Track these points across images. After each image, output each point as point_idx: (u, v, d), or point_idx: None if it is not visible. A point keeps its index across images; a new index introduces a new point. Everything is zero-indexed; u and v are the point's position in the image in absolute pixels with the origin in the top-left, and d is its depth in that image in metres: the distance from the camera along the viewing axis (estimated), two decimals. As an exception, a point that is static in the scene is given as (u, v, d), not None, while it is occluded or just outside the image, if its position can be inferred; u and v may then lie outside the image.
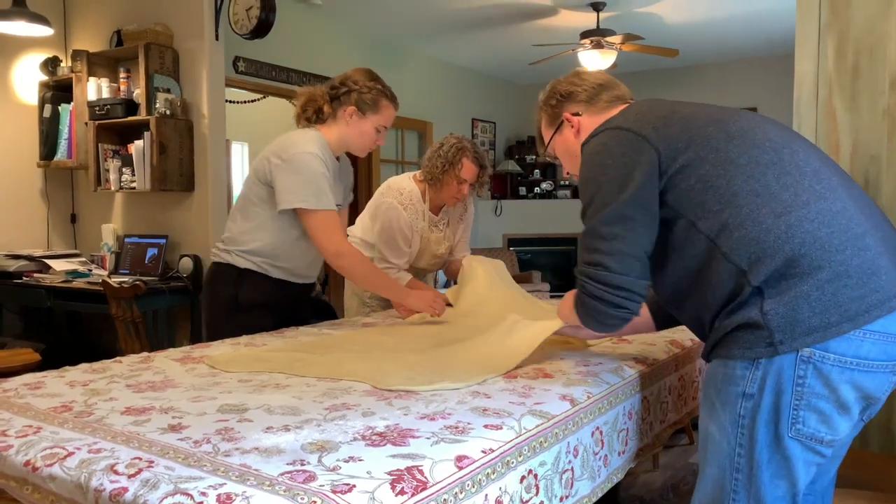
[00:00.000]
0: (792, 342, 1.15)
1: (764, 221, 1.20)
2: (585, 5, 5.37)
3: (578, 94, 1.56)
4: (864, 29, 1.76)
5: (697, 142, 1.28)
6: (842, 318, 1.14)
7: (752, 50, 6.77)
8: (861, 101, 1.78)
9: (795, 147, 1.29)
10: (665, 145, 1.29)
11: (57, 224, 4.50)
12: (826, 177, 1.26)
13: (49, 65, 4.30)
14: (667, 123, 1.32)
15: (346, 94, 2.17)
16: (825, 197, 1.22)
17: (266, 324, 2.16)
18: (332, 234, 2.10)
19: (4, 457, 1.07)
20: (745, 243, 1.20)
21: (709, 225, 1.24)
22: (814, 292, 1.15)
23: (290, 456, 1.00)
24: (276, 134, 2.28)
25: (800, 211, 1.19)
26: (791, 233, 1.18)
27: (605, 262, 1.28)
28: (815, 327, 1.14)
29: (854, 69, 1.78)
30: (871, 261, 1.17)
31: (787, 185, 1.23)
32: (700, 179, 1.25)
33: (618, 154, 1.31)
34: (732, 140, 1.28)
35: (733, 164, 1.25)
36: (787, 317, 1.16)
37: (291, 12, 5.26)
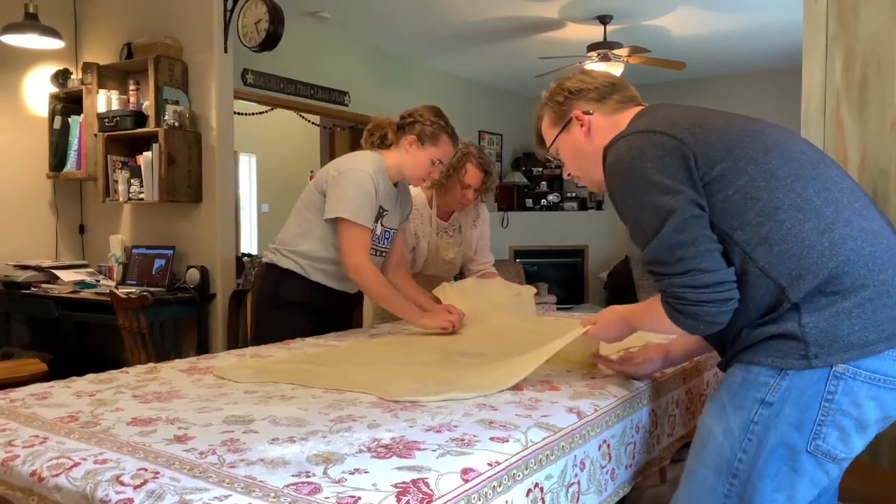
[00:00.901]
0: (827, 357, 1.15)
1: (807, 238, 1.18)
2: (592, 18, 5.40)
3: (588, 92, 1.48)
4: (871, 42, 1.76)
5: (736, 151, 1.24)
6: (879, 338, 1.14)
7: (758, 62, 6.78)
8: (869, 113, 1.77)
9: (828, 162, 1.28)
10: (702, 152, 1.24)
11: (65, 235, 4.53)
12: (860, 195, 1.26)
13: (60, 77, 4.34)
14: (703, 130, 1.28)
15: (411, 125, 2.31)
16: (864, 215, 1.21)
17: (303, 324, 2.28)
18: (356, 248, 2.21)
19: (11, 467, 1.07)
20: (785, 259, 1.18)
21: (746, 237, 1.21)
22: (855, 310, 1.15)
23: (296, 468, 0.99)
24: (284, 146, 2.34)
25: (843, 229, 1.18)
26: (835, 250, 1.17)
27: (697, 265, 1.21)
28: (853, 345, 1.14)
29: (862, 82, 1.78)
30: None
31: (829, 201, 1.21)
32: (739, 190, 1.22)
33: (656, 157, 1.26)
34: (771, 152, 1.25)
35: (773, 176, 1.22)
36: (827, 332, 1.15)
37: (300, 25, 5.30)
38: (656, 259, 1.25)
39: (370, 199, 2.22)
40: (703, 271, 1.21)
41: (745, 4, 5.11)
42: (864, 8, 1.77)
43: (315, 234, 2.29)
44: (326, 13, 5.30)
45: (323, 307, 2.36)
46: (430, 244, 2.70)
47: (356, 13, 5.30)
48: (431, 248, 2.70)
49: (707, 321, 1.24)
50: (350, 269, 2.22)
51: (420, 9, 5.21)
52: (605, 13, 5.30)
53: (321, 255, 2.29)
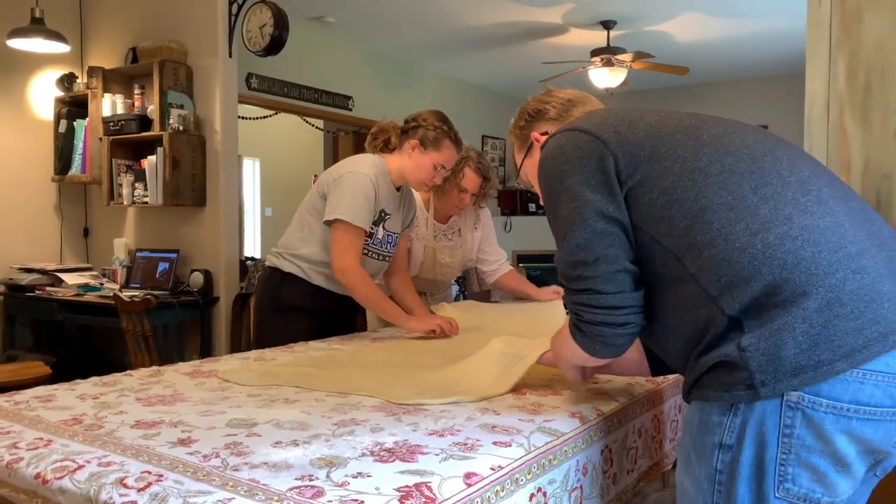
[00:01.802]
0: (775, 384, 0.97)
1: (738, 239, 1.02)
2: (596, 23, 5.41)
3: (547, 112, 1.44)
4: (875, 48, 1.76)
5: (661, 150, 1.12)
6: (835, 356, 0.95)
7: (762, 68, 6.78)
8: (873, 119, 1.77)
9: (779, 154, 1.13)
10: (624, 152, 1.13)
11: (70, 238, 4.54)
12: (815, 188, 1.08)
13: (65, 81, 4.36)
14: (630, 128, 1.17)
15: (414, 129, 2.32)
16: (811, 211, 1.04)
17: (305, 327, 2.28)
18: (346, 250, 2.21)
19: (15, 469, 1.07)
20: (715, 265, 1.03)
21: (675, 243, 1.08)
22: (799, 324, 0.96)
23: (299, 471, 0.99)
24: (288, 150, 2.36)
25: (780, 227, 1.02)
26: (769, 253, 1.00)
27: (595, 286, 1.12)
28: (802, 367, 0.95)
29: (866, 88, 1.78)
30: (869, 285, 0.98)
31: (767, 196, 1.05)
32: (664, 193, 1.09)
33: (574, 159, 1.16)
34: (703, 148, 1.12)
35: (702, 173, 1.08)
36: (769, 354, 0.97)
37: (304, 30, 5.31)
38: (560, 271, 1.18)
39: (368, 201, 2.22)
40: (601, 293, 1.11)
41: (748, 10, 5.12)
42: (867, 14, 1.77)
43: (316, 237, 2.30)
44: (331, 18, 5.32)
45: (325, 311, 2.37)
46: (427, 248, 2.70)
47: (360, 18, 5.32)
48: (428, 252, 2.70)
49: (601, 342, 1.16)
50: (336, 271, 2.22)
51: (424, 14, 5.22)
52: (609, 18, 5.31)
53: (323, 258, 2.29)
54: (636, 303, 1.13)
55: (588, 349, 1.20)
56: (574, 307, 1.17)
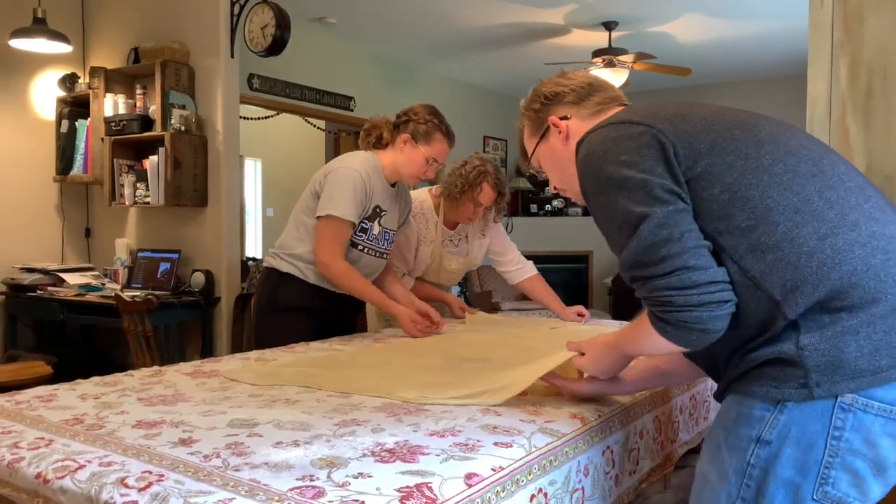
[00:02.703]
0: (832, 386, 0.97)
1: (806, 243, 1.00)
2: (598, 24, 5.41)
3: (566, 95, 1.35)
4: (877, 49, 1.76)
5: (722, 145, 1.08)
6: (894, 363, 0.96)
7: (764, 69, 6.78)
8: (875, 121, 1.77)
9: (834, 158, 1.11)
10: (684, 144, 1.08)
11: (71, 238, 4.55)
12: (873, 194, 1.07)
13: (67, 81, 4.37)
14: (686, 120, 1.11)
15: (405, 124, 2.33)
16: (876, 218, 1.03)
17: (304, 327, 2.29)
18: (329, 243, 2.24)
19: (16, 469, 1.07)
20: (780, 268, 1.01)
21: (734, 243, 1.04)
22: (864, 329, 0.97)
23: (300, 471, 0.99)
24: (289, 150, 2.37)
25: (849, 233, 1.01)
26: (839, 258, 0.99)
27: (684, 263, 1.03)
28: (862, 370, 0.96)
29: (867, 89, 1.78)
30: None
31: (832, 201, 1.03)
32: (727, 188, 1.05)
33: (632, 149, 1.09)
34: (764, 146, 1.08)
35: (767, 172, 1.05)
36: (830, 355, 0.97)
37: (306, 31, 5.32)
38: (636, 261, 1.08)
39: (356, 194, 2.23)
40: (692, 269, 1.03)
41: (750, 11, 5.12)
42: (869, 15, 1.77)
43: (312, 236, 2.31)
44: (333, 19, 5.32)
45: (323, 310, 2.37)
46: (434, 252, 2.69)
47: (362, 19, 5.32)
48: (435, 257, 2.70)
49: (699, 329, 1.05)
50: (318, 264, 2.25)
51: (426, 15, 5.22)
52: (611, 19, 5.31)
53: None
54: (727, 278, 1.05)
55: (684, 340, 1.08)
56: (662, 296, 1.05)
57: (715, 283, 1.04)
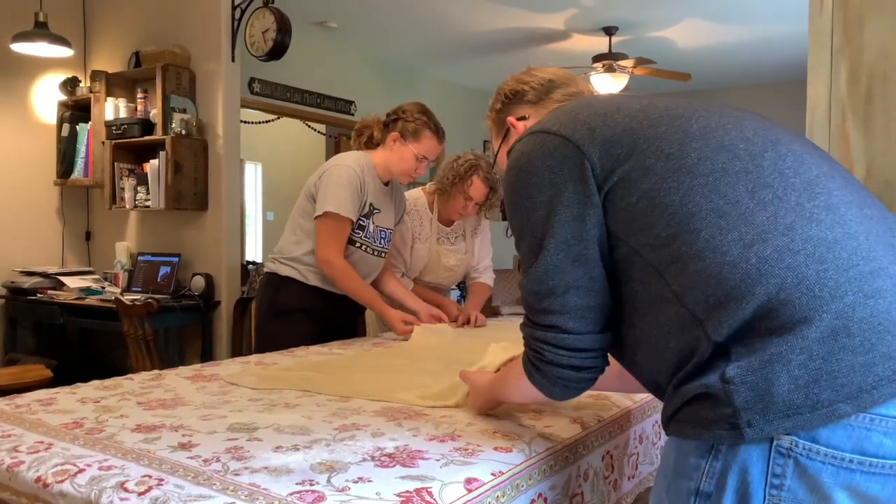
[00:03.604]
0: (764, 425, 0.80)
1: (729, 252, 0.86)
2: (598, 30, 5.42)
3: (525, 94, 1.28)
4: (877, 54, 1.76)
5: (643, 146, 0.95)
6: (838, 396, 0.79)
7: (764, 74, 6.79)
8: (875, 126, 1.77)
9: (782, 150, 0.94)
10: (601, 153, 0.97)
11: (72, 241, 4.55)
12: (823, 191, 0.90)
13: (68, 85, 4.37)
14: (606, 122, 0.99)
15: (395, 122, 2.36)
16: (818, 219, 0.86)
17: (305, 330, 2.31)
18: (330, 241, 2.26)
19: (16, 473, 1.07)
20: (702, 281, 0.86)
21: (658, 255, 0.91)
22: (797, 355, 0.80)
23: (300, 476, 0.99)
24: (290, 154, 2.39)
25: (779, 238, 0.85)
26: (765, 269, 0.83)
27: (560, 323, 0.98)
28: (797, 406, 0.79)
29: (867, 94, 1.78)
30: (884, 312, 0.81)
31: (766, 201, 0.88)
32: (644, 196, 0.93)
33: (543, 168, 1.00)
34: (691, 142, 0.94)
35: (690, 173, 0.91)
36: (758, 388, 0.80)
37: (307, 35, 5.33)
38: (524, 301, 1.04)
39: (352, 190, 2.25)
40: (567, 331, 0.98)
41: (750, 16, 5.13)
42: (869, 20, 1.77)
43: (310, 239, 2.33)
44: (333, 23, 5.33)
45: (324, 313, 2.38)
46: (431, 250, 2.70)
47: (363, 23, 5.33)
48: (432, 254, 2.71)
49: (563, 385, 1.02)
50: (318, 262, 2.27)
51: (426, 20, 5.23)
52: (611, 24, 5.33)
53: None
54: (602, 345, 1.01)
55: (546, 390, 1.06)
56: (535, 344, 1.02)
57: (585, 351, 0.99)
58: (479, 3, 4.85)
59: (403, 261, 2.67)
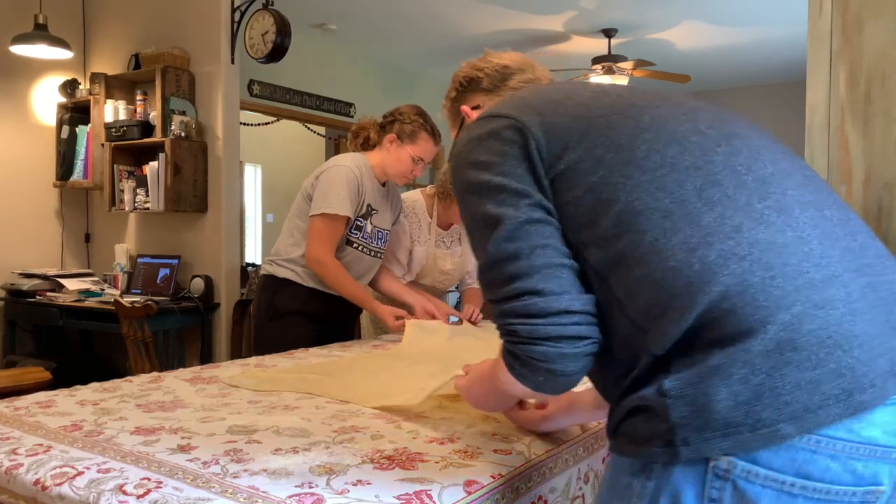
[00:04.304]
0: (701, 444, 0.74)
1: (673, 256, 0.78)
2: (597, 31, 5.43)
3: (480, 81, 1.22)
4: (876, 57, 1.76)
5: (592, 136, 0.88)
6: (781, 415, 0.72)
7: (763, 76, 6.79)
8: (874, 128, 1.78)
9: (738, 144, 0.87)
10: (549, 137, 0.90)
11: (71, 243, 4.55)
12: (777, 190, 0.83)
13: (68, 87, 4.37)
14: (557, 109, 0.93)
15: (391, 124, 2.38)
16: (768, 221, 0.79)
17: (304, 332, 2.31)
18: (322, 240, 2.27)
19: (14, 475, 1.07)
20: (646, 288, 0.79)
21: (601, 256, 0.84)
22: (738, 369, 0.73)
23: (299, 478, 0.99)
24: (289, 156, 2.40)
25: (725, 242, 0.78)
26: (708, 276, 0.76)
27: (530, 286, 0.85)
28: (737, 425, 0.72)
29: (866, 97, 1.78)
30: (835, 324, 0.74)
31: (713, 201, 0.81)
32: (591, 190, 0.85)
33: (494, 150, 0.93)
34: (641, 134, 0.87)
35: (638, 167, 0.84)
36: (696, 404, 0.74)
37: (306, 37, 5.33)
38: (484, 281, 0.92)
39: (350, 190, 2.26)
40: (540, 293, 0.84)
41: (749, 18, 5.13)
42: (868, 23, 1.77)
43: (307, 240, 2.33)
44: (333, 25, 5.34)
45: (322, 315, 2.38)
46: (428, 253, 2.71)
47: (363, 25, 5.33)
48: (429, 257, 2.71)
49: (546, 368, 0.85)
50: (309, 260, 2.28)
51: (426, 22, 5.24)
52: (610, 26, 5.33)
53: None
54: (588, 308, 0.85)
55: (532, 382, 0.89)
56: (507, 324, 0.87)
57: (568, 314, 0.84)
58: (479, 4, 4.85)
59: (400, 263, 2.67)
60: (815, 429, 0.72)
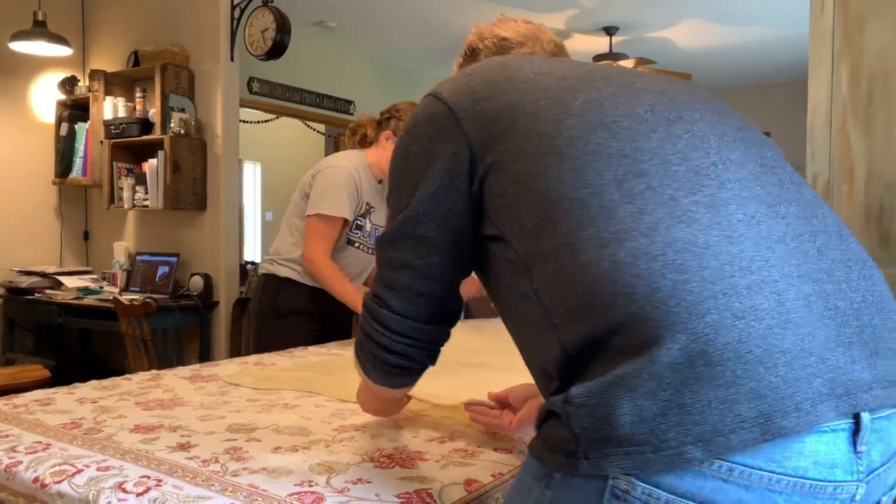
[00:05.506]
0: (601, 460, 0.66)
1: (584, 251, 0.71)
2: (598, 29, 5.42)
3: (479, 53, 1.16)
4: (877, 56, 1.76)
5: (520, 123, 0.81)
6: (687, 437, 0.63)
7: (765, 75, 6.79)
8: (875, 128, 1.77)
9: (677, 130, 0.78)
10: (479, 130, 0.84)
11: (70, 241, 4.54)
12: (714, 183, 0.74)
13: (67, 84, 4.37)
14: (493, 93, 0.86)
15: (387, 120, 2.37)
16: (692, 218, 0.71)
17: (305, 331, 2.32)
18: (319, 240, 2.27)
19: (13, 473, 1.07)
20: (559, 283, 0.74)
21: (524, 248, 0.79)
22: (644, 382, 0.64)
23: (299, 477, 0.99)
24: (289, 154, 2.40)
25: (639, 240, 0.69)
26: (616, 276, 0.69)
27: (387, 298, 0.91)
28: (640, 443, 0.64)
29: (868, 96, 1.78)
30: (758, 337, 0.64)
31: (634, 193, 0.73)
32: (516, 180, 0.80)
33: (423, 136, 0.89)
34: (568, 119, 0.79)
35: (559, 155, 0.77)
36: (599, 415, 0.66)
37: (306, 34, 5.32)
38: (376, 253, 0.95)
39: (347, 190, 2.26)
40: (389, 309, 0.91)
41: (751, 17, 5.13)
42: (870, 22, 1.77)
43: None
44: (333, 23, 5.33)
45: (324, 314, 2.38)
46: None
47: (362, 23, 5.33)
48: None
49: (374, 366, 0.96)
50: (304, 259, 2.29)
51: (426, 19, 5.23)
52: (612, 25, 5.33)
53: None
54: (422, 337, 0.92)
55: (361, 365, 1.00)
56: (364, 311, 0.95)
57: (404, 338, 0.91)
58: (479, 3, 4.84)
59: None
60: (726, 454, 0.63)
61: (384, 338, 0.92)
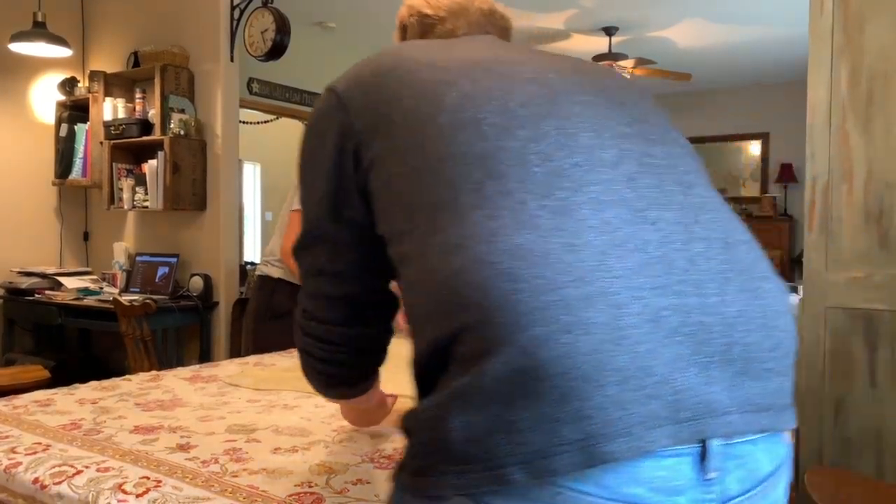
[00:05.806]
0: (439, 478, 0.63)
1: (430, 258, 0.69)
2: (598, 29, 5.42)
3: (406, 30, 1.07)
4: (877, 56, 1.76)
5: (396, 119, 0.77)
6: (512, 457, 0.59)
7: (765, 75, 6.79)
8: (875, 127, 1.77)
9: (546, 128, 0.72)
10: (364, 123, 0.80)
11: (70, 242, 4.54)
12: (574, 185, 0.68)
13: (67, 85, 4.37)
14: (380, 85, 0.81)
15: None
16: (535, 224, 0.65)
17: None
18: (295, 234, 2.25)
19: (13, 474, 1.07)
20: (414, 289, 0.72)
21: (392, 251, 0.77)
22: (475, 396, 0.61)
23: (298, 477, 0.99)
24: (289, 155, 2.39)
25: (480, 246, 0.65)
26: (453, 285, 0.65)
27: (313, 309, 0.88)
28: (471, 461, 0.61)
29: (868, 96, 1.78)
30: (586, 353, 0.59)
31: (485, 196, 0.68)
32: (387, 181, 0.77)
33: (316, 133, 0.86)
34: (439, 115, 0.74)
35: (423, 155, 0.74)
36: (436, 430, 0.63)
37: (306, 35, 5.33)
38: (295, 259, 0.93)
39: None
40: (310, 317, 0.89)
41: (750, 17, 5.13)
42: (869, 23, 1.77)
43: None
44: (332, 23, 5.33)
45: None
46: None
47: (362, 23, 5.33)
48: None
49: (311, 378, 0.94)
50: (283, 253, 2.29)
51: (426, 19, 5.23)
52: (611, 24, 5.33)
53: None
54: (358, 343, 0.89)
55: (310, 382, 0.95)
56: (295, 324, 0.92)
57: (326, 343, 0.88)
58: (479, 3, 4.84)
59: None
60: (549, 477, 0.59)
61: (320, 350, 0.89)
